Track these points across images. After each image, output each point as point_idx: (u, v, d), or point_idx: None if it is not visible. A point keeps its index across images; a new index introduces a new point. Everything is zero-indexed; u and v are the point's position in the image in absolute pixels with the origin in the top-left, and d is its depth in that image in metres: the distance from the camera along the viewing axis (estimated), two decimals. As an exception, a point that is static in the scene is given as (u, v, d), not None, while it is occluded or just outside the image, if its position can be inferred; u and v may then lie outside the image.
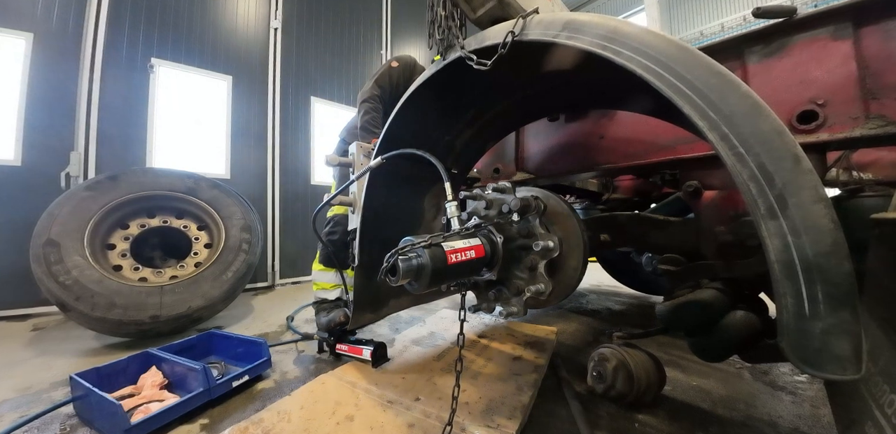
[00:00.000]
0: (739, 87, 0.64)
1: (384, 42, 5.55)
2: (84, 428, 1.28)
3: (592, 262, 2.63)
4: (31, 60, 2.89)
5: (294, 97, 4.39)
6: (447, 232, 1.09)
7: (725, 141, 0.63)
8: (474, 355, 1.69)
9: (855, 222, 0.75)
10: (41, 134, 2.91)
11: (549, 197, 1.34)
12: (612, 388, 1.35)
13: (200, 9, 3.75)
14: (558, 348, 1.91)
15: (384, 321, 2.49)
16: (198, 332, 2.14)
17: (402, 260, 0.92)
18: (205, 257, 2.62)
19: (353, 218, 1.67)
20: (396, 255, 0.93)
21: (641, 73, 0.71)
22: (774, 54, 1.07)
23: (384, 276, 0.93)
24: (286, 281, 4.14)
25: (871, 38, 0.95)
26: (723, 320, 0.97)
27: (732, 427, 1.24)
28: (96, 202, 2.29)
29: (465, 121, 1.49)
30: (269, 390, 1.55)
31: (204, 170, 3.39)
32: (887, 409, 0.56)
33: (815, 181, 0.57)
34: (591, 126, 1.60)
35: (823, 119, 0.98)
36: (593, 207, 2.63)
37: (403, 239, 1.00)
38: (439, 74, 1.20)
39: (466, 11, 1.26)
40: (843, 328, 0.55)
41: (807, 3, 7.32)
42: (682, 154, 1.29)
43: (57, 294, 1.95)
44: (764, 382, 1.57)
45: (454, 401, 1.05)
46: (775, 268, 0.58)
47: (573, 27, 0.83)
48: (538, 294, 1.17)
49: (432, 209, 1.75)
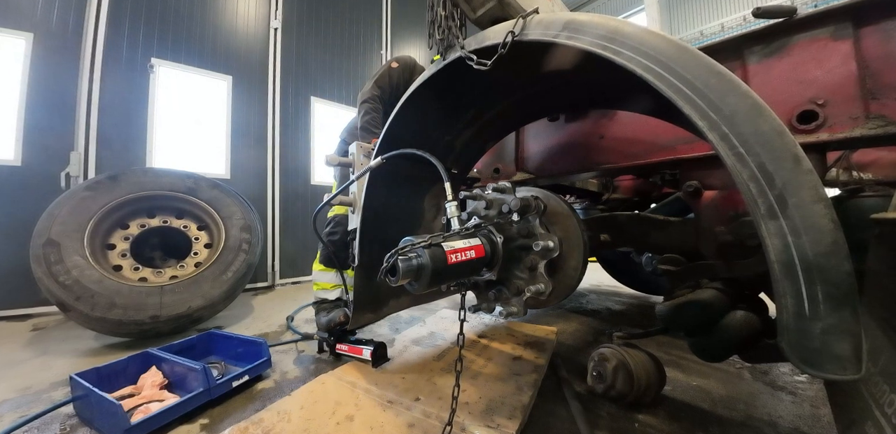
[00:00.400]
0: (739, 87, 0.64)
1: (384, 42, 5.55)
2: (84, 428, 1.28)
3: (592, 262, 2.63)
4: (31, 60, 2.89)
5: (294, 97, 4.40)
6: (447, 232, 1.09)
7: (725, 141, 0.63)
8: (474, 355, 1.69)
9: (855, 222, 0.75)
10: (41, 134, 2.91)
11: (549, 197, 1.34)
12: (612, 388, 1.35)
13: (200, 9, 3.75)
14: (558, 348, 1.91)
15: (384, 321, 2.49)
16: (198, 332, 2.14)
17: (402, 260, 0.92)
18: (205, 257, 2.62)
19: (353, 218, 1.67)
20: (396, 255, 0.93)
21: (641, 73, 0.71)
22: (774, 54, 1.07)
23: (384, 277, 0.93)
24: (286, 281, 4.14)
25: (870, 38, 0.95)
26: (723, 320, 0.97)
27: (732, 427, 1.24)
28: (96, 202, 2.29)
29: (465, 121, 1.49)
30: (269, 390, 1.56)
31: (204, 170, 3.39)
32: (887, 408, 0.56)
33: (815, 181, 0.57)
34: (591, 126, 1.60)
35: (823, 119, 0.98)
36: (593, 207, 2.63)
37: (403, 239, 1.00)
38: (439, 74, 1.20)
39: (466, 11, 1.26)
40: (843, 328, 0.55)
41: (807, 3, 7.32)
42: (682, 154, 1.29)
43: (57, 294, 1.95)
44: (764, 382, 1.57)
45: (454, 401, 1.05)
46: (775, 268, 0.58)
47: (573, 27, 0.83)
48: (538, 294, 1.17)
49: (432, 209, 1.75)
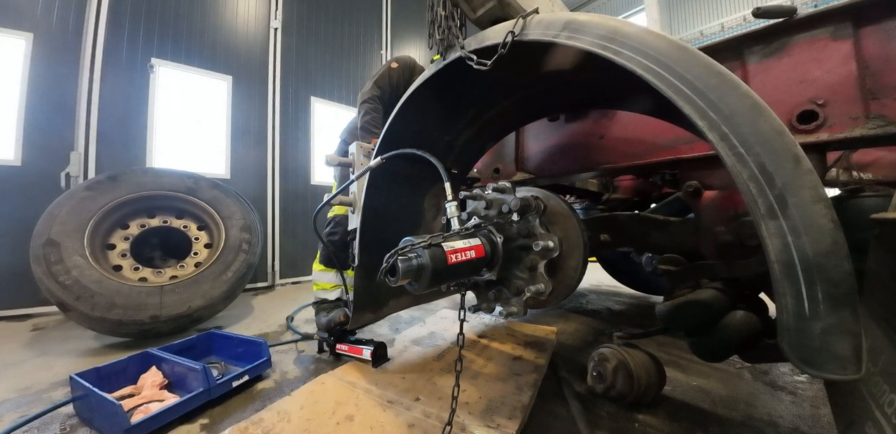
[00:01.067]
0: (739, 86, 0.64)
1: (384, 42, 5.55)
2: (84, 428, 1.28)
3: (592, 262, 2.63)
4: (31, 60, 2.89)
5: (294, 97, 4.39)
6: (447, 232, 1.09)
7: (725, 141, 0.63)
8: (474, 355, 1.69)
9: (855, 222, 0.75)
10: (41, 134, 2.91)
11: (549, 197, 1.34)
12: (612, 388, 1.35)
13: (200, 9, 3.75)
14: (558, 348, 1.91)
15: (384, 321, 2.49)
16: (198, 332, 2.14)
17: (402, 260, 0.92)
18: (205, 257, 2.62)
19: (353, 218, 1.67)
20: (396, 255, 0.93)
21: (641, 73, 0.71)
22: (774, 54, 1.07)
23: (384, 277, 0.93)
24: (286, 281, 4.14)
25: (870, 38, 0.95)
26: (723, 320, 0.97)
27: (732, 427, 1.24)
28: (96, 202, 2.29)
29: (465, 121, 1.49)
30: (269, 390, 1.55)
31: (204, 170, 3.39)
32: (887, 408, 0.56)
33: (814, 181, 0.57)
34: (591, 126, 1.60)
35: (823, 119, 0.98)
36: (593, 207, 2.63)
37: (403, 239, 1.00)
38: (439, 74, 1.20)
39: (466, 11, 1.26)
40: (843, 328, 0.55)
41: (807, 3, 7.32)
42: (682, 154, 1.29)
43: (57, 294, 1.95)
44: (764, 382, 1.57)
45: (454, 401, 1.05)
46: (775, 268, 0.58)
47: (573, 27, 0.83)
48: (538, 294, 1.17)
49: (432, 209, 1.75)
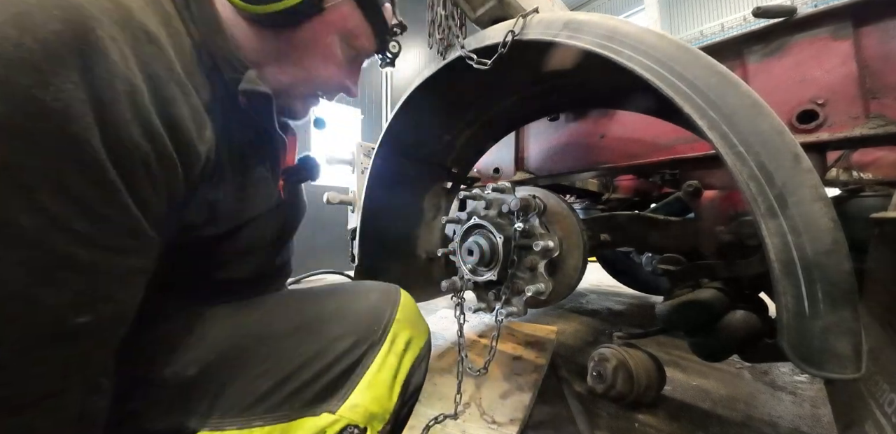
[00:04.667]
0: (739, 86, 0.64)
1: (384, 42, 5.56)
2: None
3: (592, 262, 2.63)
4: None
5: (294, 97, 4.40)
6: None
7: (725, 140, 0.63)
8: (475, 355, 1.68)
9: (855, 222, 0.75)
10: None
11: (549, 197, 1.34)
12: (613, 388, 1.35)
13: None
14: (558, 348, 1.91)
15: (384, 321, 2.49)
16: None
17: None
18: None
19: (352, 217, 1.67)
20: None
21: (641, 72, 0.71)
22: (774, 54, 1.07)
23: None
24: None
25: (870, 37, 0.95)
26: (723, 320, 0.97)
27: (732, 427, 1.24)
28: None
29: (465, 121, 1.49)
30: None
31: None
32: (887, 408, 0.56)
33: (814, 180, 0.57)
34: (592, 126, 1.60)
35: (823, 118, 0.98)
36: (593, 207, 2.63)
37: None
38: (439, 74, 1.20)
39: (466, 11, 1.26)
40: (843, 327, 0.55)
41: (807, 2, 7.33)
42: (682, 154, 1.29)
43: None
44: (764, 382, 1.57)
45: (458, 397, 1.05)
46: (775, 267, 0.58)
47: (573, 27, 0.83)
48: (538, 294, 1.17)
49: (432, 209, 1.75)
